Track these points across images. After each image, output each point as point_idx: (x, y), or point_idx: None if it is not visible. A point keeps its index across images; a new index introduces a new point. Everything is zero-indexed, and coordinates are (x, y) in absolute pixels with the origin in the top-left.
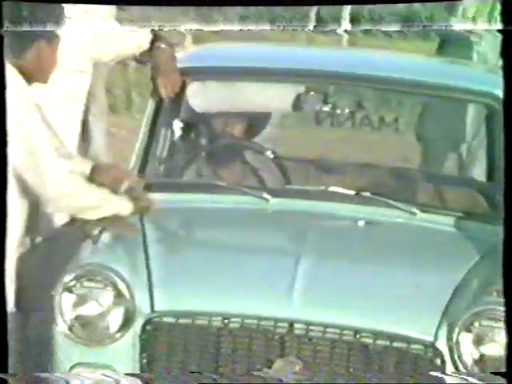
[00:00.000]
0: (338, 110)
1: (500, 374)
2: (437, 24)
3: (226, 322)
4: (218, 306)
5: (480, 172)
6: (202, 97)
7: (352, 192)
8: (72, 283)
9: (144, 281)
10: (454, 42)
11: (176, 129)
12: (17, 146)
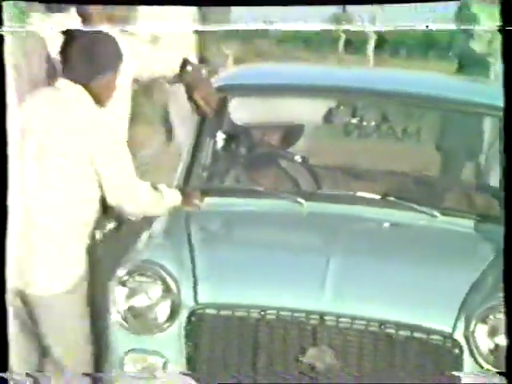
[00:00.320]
0: (364, 123)
1: (500, 374)
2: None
3: (263, 313)
4: (256, 300)
5: (495, 179)
6: (242, 111)
7: (378, 197)
8: (125, 277)
9: (189, 276)
10: (472, 63)
11: (219, 139)
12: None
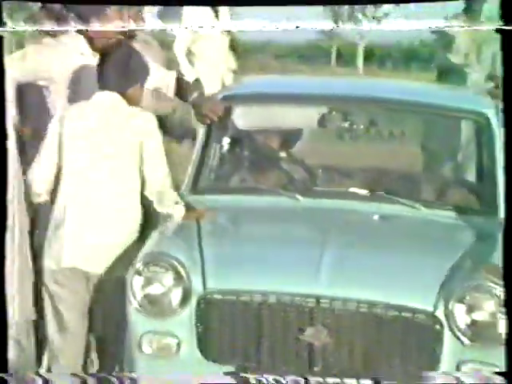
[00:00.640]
0: (355, 127)
1: (500, 374)
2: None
3: (265, 298)
4: (258, 286)
5: (471, 175)
6: (246, 118)
7: (367, 192)
8: (141, 268)
9: (198, 266)
10: (450, 73)
11: (224, 144)
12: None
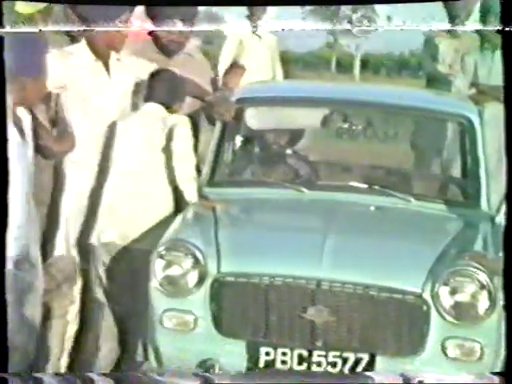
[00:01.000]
0: (353, 127)
1: (500, 374)
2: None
3: (272, 280)
4: (267, 269)
5: (457, 170)
6: (256, 118)
7: (365, 186)
8: (163, 252)
9: (213, 251)
10: (437, 80)
11: (237, 142)
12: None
